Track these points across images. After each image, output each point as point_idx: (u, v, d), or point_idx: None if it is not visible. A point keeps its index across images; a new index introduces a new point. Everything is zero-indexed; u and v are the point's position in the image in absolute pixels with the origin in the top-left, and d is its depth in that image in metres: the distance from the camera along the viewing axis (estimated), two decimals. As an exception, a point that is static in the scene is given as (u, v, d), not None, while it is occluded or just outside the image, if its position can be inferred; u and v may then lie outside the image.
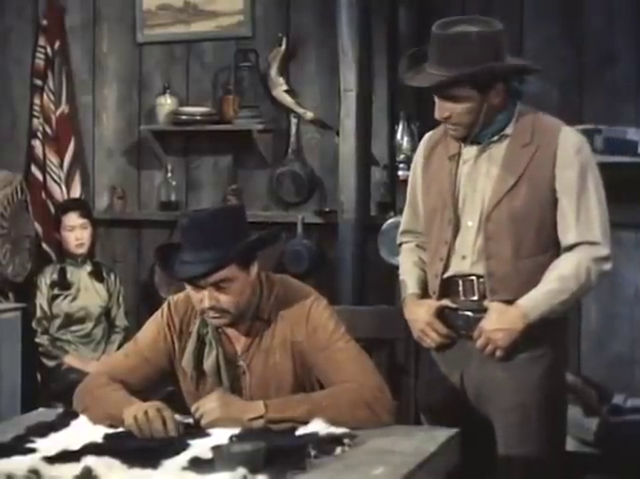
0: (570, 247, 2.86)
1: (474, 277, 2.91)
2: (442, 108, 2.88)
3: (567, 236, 2.86)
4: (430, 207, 3.02)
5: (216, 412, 2.49)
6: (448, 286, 2.96)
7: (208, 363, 2.72)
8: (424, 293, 3.05)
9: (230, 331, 2.75)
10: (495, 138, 2.92)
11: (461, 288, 2.94)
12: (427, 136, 3.14)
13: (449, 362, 3.00)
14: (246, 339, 2.74)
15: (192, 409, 2.53)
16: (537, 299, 2.83)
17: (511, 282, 2.87)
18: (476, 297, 2.92)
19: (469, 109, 2.84)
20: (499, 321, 2.84)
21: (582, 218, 2.84)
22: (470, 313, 2.93)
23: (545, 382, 2.89)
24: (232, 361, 2.74)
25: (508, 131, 2.91)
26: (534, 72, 3.07)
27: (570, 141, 2.88)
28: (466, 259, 2.92)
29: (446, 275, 2.95)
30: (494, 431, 2.93)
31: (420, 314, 2.99)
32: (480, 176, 2.92)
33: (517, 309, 2.83)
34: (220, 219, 2.66)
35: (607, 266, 2.88)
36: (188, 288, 2.68)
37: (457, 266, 2.93)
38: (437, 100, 2.88)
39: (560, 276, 2.83)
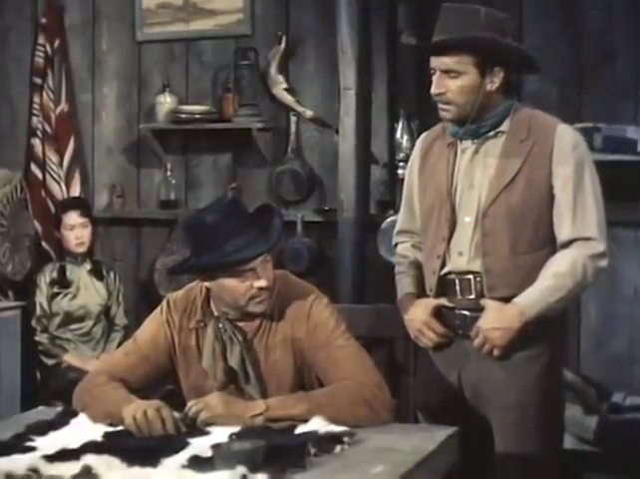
0: (566, 244, 2.85)
1: (470, 276, 2.90)
2: (438, 83, 2.87)
3: (563, 232, 2.86)
4: (427, 205, 3.02)
5: (218, 408, 2.49)
6: (445, 285, 2.95)
7: (233, 360, 2.72)
8: (420, 293, 3.05)
9: (243, 324, 2.75)
10: (491, 134, 2.91)
11: (458, 287, 2.93)
12: (423, 135, 3.14)
13: (446, 362, 2.99)
14: (249, 335, 2.75)
15: (189, 405, 2.53)
16: (534, 297, 2.82)
17: (509, 279, 2.86)
18: (472, 296, 2.91)
19: (465, 88, 2.84)
20: (496, 320, 2.83)
21: (578, 214, 2.84)
22: (467, 312, 2.93)
23: (543, 381, 2.88)
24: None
25: (504, 127, 2.91)
26: (535, 68, 3.04)
27: (567, 137, 2.88)
28: (462, 256, 2.91)
29: (443, 272, 2.95)
30: (493, 430, 2.93)
31: (417, 314, 2.99)
32: (477, 171, 2.92)
33: (514, 307, 2.83)
34: (237, 205, 2.74)
35: (603, 263, 2.87)
36: (232, 281, 2.66)
37: (454, 263, 2.93)
38: (434, 76, 2.88)
39: (556, 274, 2.82)
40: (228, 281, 2.67)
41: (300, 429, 2.41)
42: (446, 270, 2.94)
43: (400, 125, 4.77)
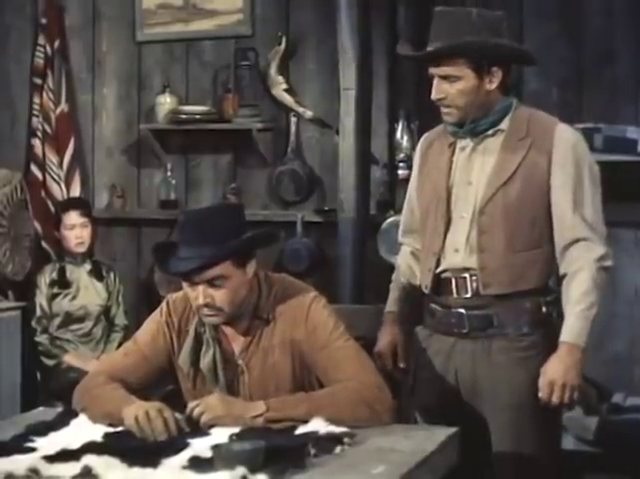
0: (568, 246, 2.84)
1: (466, 274, 2.90)
2: (437, 88, 2.88)
3: (564, 233, 2.85)
4: (425, 202, 3.02)
5: (218, 409, 2.49)
6: (440, 284, 2.95)
7: (205, 362, 2.72)
8: (405, 310, 3.11)
9: (229, 330, 2.74)
10: (490, 132, 2.91)
11: (453, 286, 2.92)
12: (424, 136, 3.15)
13: (443, 361, 2.99)
14: (245, 338, 2.74)
15: (190, 406, 2.52)
16: (576, 327, 2.80)
17: (503, 277, 2.85)
18: (468, 295, 2.90)
19: (463, 90, 2.84)
20: (559, 365, 2.79)
21: (577, 215, 2.83)
22: (463, 311, 2.92)
23: (538, 382, 2.84)
24: (230, 360, 2.74)
25: (503, 126, 2.91)
26: (531, 60, 3.03)
27: (566, 136, 2.88)
28: (458, 253, 2.91)
29: (438, 270, 2.94)
30: (489, 430, 2.92)
31: (381, 341, 3.09)
32: (475, 169, 2.92)
33: (566, 346, 2.80)
34: (218, 216, 2.67)
35: (609, 263, 2.86)
36: (185, 285, 2.68)
37: (449, 260, 2.92)
38: (434, 81, 2.88)
39: (584, 293, 2.80)
40: (184, 285, 2.69)
41: (300, 430, 2.41)
42: (441, 268, 2.94)
43: (400, 125, 4.78)
